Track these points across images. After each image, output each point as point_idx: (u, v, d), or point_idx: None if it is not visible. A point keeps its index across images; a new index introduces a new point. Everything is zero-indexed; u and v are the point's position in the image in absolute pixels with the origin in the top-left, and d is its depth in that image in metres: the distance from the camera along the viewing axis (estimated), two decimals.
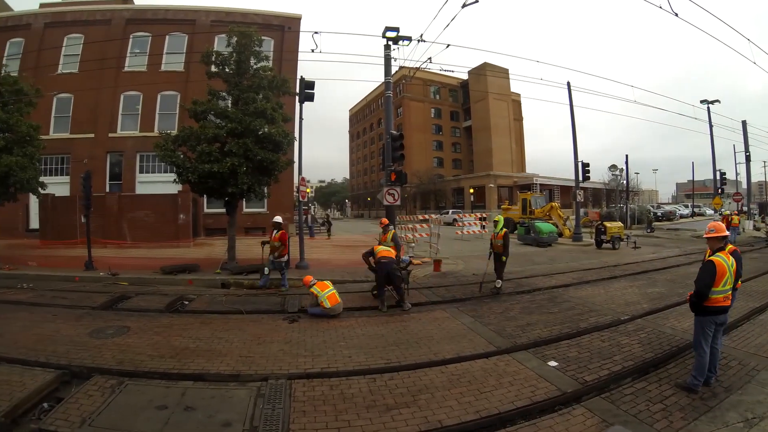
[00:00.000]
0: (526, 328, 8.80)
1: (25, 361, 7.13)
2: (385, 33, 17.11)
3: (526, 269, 16.86)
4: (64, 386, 6.45)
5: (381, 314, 10.33)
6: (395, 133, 16.90)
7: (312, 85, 17.55)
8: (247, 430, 5.08)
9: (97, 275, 15.38)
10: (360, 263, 16.84)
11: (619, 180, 49.66)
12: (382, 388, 6.12)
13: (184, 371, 6.80)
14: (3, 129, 18.32)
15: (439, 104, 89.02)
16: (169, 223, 24.48)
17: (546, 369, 6.65)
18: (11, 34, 32.99)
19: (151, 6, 34.32)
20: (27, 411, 5.67)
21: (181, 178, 15.93)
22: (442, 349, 7.70)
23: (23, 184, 18.48)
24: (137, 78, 32.04)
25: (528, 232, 26.67)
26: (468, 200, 67.60)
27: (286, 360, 7.24)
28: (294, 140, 17.21)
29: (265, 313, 10.52)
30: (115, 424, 5.17)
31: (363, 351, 7.63)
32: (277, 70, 20.32)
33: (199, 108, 16.11)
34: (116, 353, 7.58)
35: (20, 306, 11.33)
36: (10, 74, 20.56)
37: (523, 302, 11.26)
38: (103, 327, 9.21)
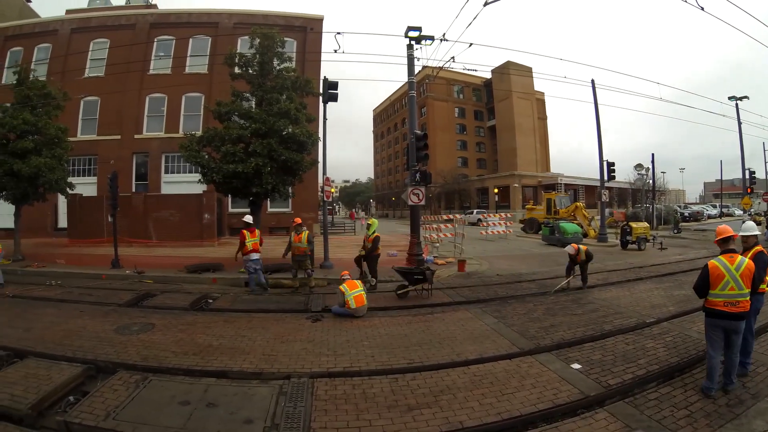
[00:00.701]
0: (549, 330, 8.64)
1: (52, 355, 7.32)
2: (408, 33, 17.04)
3: (551, 270, 16.58)
4: (90, 380, 6.60)
5: (405, 315, 10.26)
6: (419, 133, 16.80)
7: (335, 86, 17.55)
8: (268, 427, 5.08)
9: (123, 273, 15.60)
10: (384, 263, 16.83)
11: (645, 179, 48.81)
12: (404, 388, 6.07)
13: (207, 368, 6.84)
14: (32, 131, 18.79)
15: (463, 104, 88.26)
16: (193, 223, 24.69)
17: (569, 371, 6.52)
18: (39, 40, 33.96)
19: (175, 10, 34.81)
20: (53, 404, 5.81)
21: (205, 178, 16.08)
22: (465, 349, 7.62)
23: (52, 184, 18.95)
24: (162, 80, 32.59)
25: (552, 233, 26.34)
26: (492, 200, 66.89)
27: (309, 359, 7.22)
28: (318, 140, 17.23)
29: (289, 312, 10.52)
30: (139, 418, 5.22)
31: (386, 351, 7.57)
32: (300, 71, 20.38)
33: (223, 109, 16.25)
34: (141, 349, 7.67)
35: (48, 302, 11.59)
36: (38, 79, 21.12)
37: (547, 303, 11.06)
38: (129, 324, 9.32)
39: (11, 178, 18.04)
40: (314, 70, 28.15)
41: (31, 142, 18.43)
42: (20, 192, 18.46)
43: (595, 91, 27.66)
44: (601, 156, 27.91)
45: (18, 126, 18.27)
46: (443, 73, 24.99)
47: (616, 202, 62.79)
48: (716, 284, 5.66)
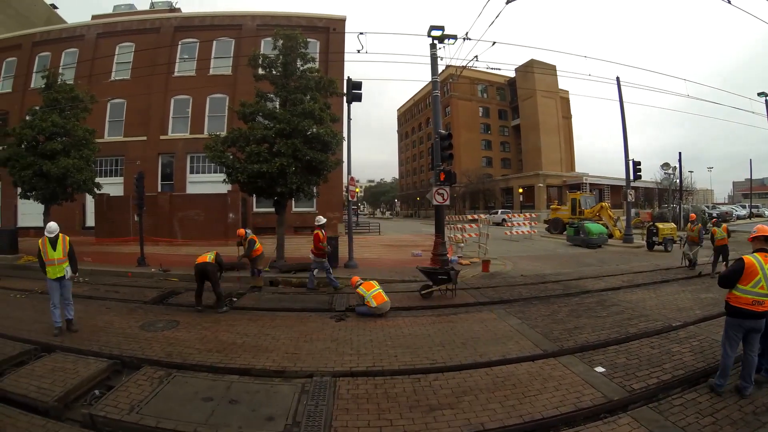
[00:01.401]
0: (573, 332, 8.48)
1: (79, 350, 7.50)
2: (430, 32, 16.93)
3: (575, 271, 16.37)
4: (115, 375, 6.74)
5: (429, 315, 10.17)
6: (444, 133, 16.68)
7: (359, 86, 17.54)
8: (289, 425, 5.09)
9: (149, 271, 15.80)
10: (408, 262, 16.80)
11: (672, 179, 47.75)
12: (426, 388, 6.02)
13: (230, 365, 6.88)
14: (60, 133, 19.19)
15: (487, 103, 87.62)
16: (218, 222, 24.95)
17: (592, 375, 6.38)
18: (66, 45, 34.91)
19: (198, 13, 35.35)
20: (79, 397, 5.96)
21: (230, 178, 16.17)
22: (488, 350, 7.53)
23: (80, 184, 19.33)
24: (187, 82, 33.10)
25: (577, 233, 25.92)
26: (517, 200, 66.39)
27: (332, 358, 7.22)
28: (342, 140, 17.24)
29: (313, 311, 10.53)
30: (162, 412, 5.29)
31: (409, 351, 7.52)
32: (323, 72, 20.39)
33: (247, 110, 16.32)
34: (165, 346, 7.78)
35: (76, 299, 11.57)
36: (66, 82, 21.51)
37: (572, 305, 10.87)
38: (154, 320, 9.48)
39: (41, 178, 18.46)
40: (338, 71, 28.26)
41: (59, 143, 18.80)
42: (49, 192, 18.88)
43: (620, 89, 27.22)
44: (627, 155, 27.44)
45: (47, 128, 18.68)
46: (467, 72, 24.90)
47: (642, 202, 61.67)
48: (748, 280, 5.48)
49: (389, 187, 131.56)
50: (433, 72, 17.36)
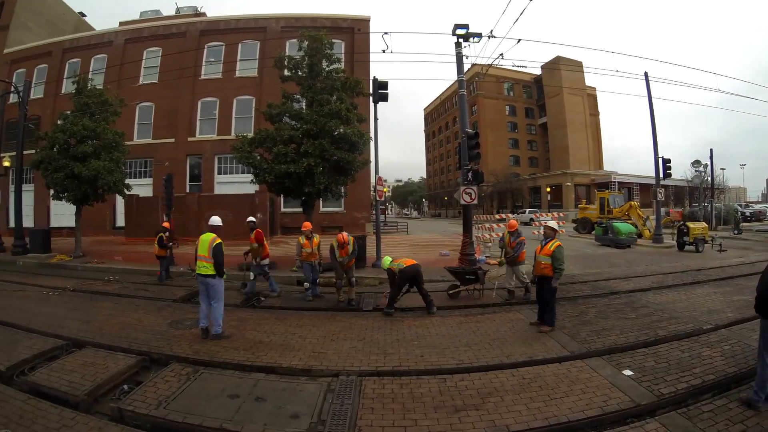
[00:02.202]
0: (601, 333, 8.29)
1: (109, 346, 7.66)
2: (455, 31, 16.80)
3: (604, 271, 16.05)
4: (144, 371, 6.84)
5: (456, 315, 10.09)
6: (470, 132, 16.53)
7: (385, 86, 17.48)
8: (314, 423, 5.09)
9: (178, 270, 15.96)
10: (436, 262, 16.69)
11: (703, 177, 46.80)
12: (452, 388, 5.97)
13: (257, 363, 6.91)
14: (91, 137, 19.60)
15: (513, 101, 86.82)
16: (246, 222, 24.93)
17: (620, 378, 6.21)
18: (95, 51, 36.13)
19: (223, 17, 35.84)
20: (108, 391, 6.08)
21: (258, 178, 16.29)
22: (515, 351, 7.43)
23: (110, 186, 19.70)
24: (213, 85, 33.53)
25: (606, 233, 25.44)
26: (545, 199, 65.51)
27: (358, 357, 7.20)
28: (370, 140, 17.19)
29: (341, 311, 10.56)
30: (189, 408, 5.35)
31: (435, 351, 7.46)
32: (349, 72, 20.34)
33: (274, 111, 16.41)
34: (193, 343, 7.86)
35: (107, 296, 12.18)
36: (95, 87, 22.03)
37: (600, 306, 10.64)
38: (182, 318, 9.60)
39: (72, 180, 18.88)
40: (363, 71, 28.27)
41: (90, 146, 19.18)
42: (81, 193, 19.28)
43: (648, 85, 26.62)
44: (656, 152, 26.83)
45: (78, 132, 19.10)
46: (492, 70, 24.64)
47: (673, 201, 60.43)
48: None
49: (417, 186, 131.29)
50: (458, 71, 17.22)
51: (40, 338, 8.07)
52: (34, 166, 20.22)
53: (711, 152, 42.01)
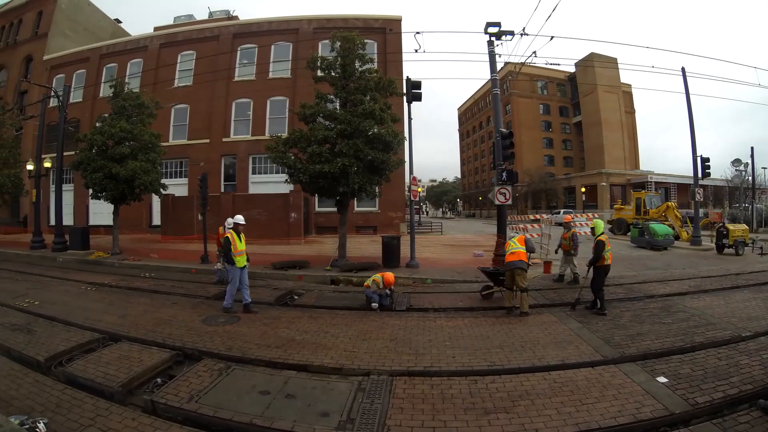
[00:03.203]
0: (635, 338, 8.03)
1: (143, 340, 7.86)
2: (487, 29, 16.62)
3: (639, 274, 15.61)
4: (177, 366, 6.97)
5: (489, 316, 9.97)
6: (505, 131, 16.35)
7: (419, 85, 17.39)
8: (343, 421, 5.09)
9: (212, 268, 16.10)
10: (470, 263, 16.55)
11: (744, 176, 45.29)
12: (483, 390, 5.89)
13: (288, 361, 6.93)
14: (128, 138, 20.06)
15: (547, 100, 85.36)
16: (280, 221, 25.23)
17: (654, 385, 5.99)
18: (131, 56, 37.01)
19: (256, 20, 36.09)
20: (142, 384, 6.23)
21: (292, 178, 16.35)
22: (547, 354, 7.28)
23: (147, 185, 20.14)
24: (247, 86, 33.96)
25: (642, 234, 24.77)
26: (580, 199, 64.03)
27: (390, 357, 7.15)
28: (404, 140, 17.06)
29: (373, 311, 10.47)
30: (220, 403, 5.42)
31: (467, 352, 7.38)
32: (382, 72, 20.31)
33: (307, 111, 16.44)
34: (226, 340, 7.93)
35: (142, 293, 12.44)
36: (132, 90, 22.61)
37: (634, 310, 10.32)
38: (215, 315, 9.70)
39: (110, 180, 19.36)
40: (396, 70, 28.25)
41: (127, 147, 19.62)
42: (118, 193, 19.77)
43: (686, 80, 25.82)
44: (695, 151, 26.00)
45: (116, 134, 19.57)
46: (526, 68, 24.38)
47: (711, 201, 58.61)
48: None
49: (451, 186, 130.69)
50: (491, 70, 17.05)
51: (77, 331, 8.36)
52: (74, 166, 20.81)
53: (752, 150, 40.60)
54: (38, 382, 6.16)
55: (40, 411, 5.25)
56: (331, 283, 14.19)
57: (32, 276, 15.47)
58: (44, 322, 9.04)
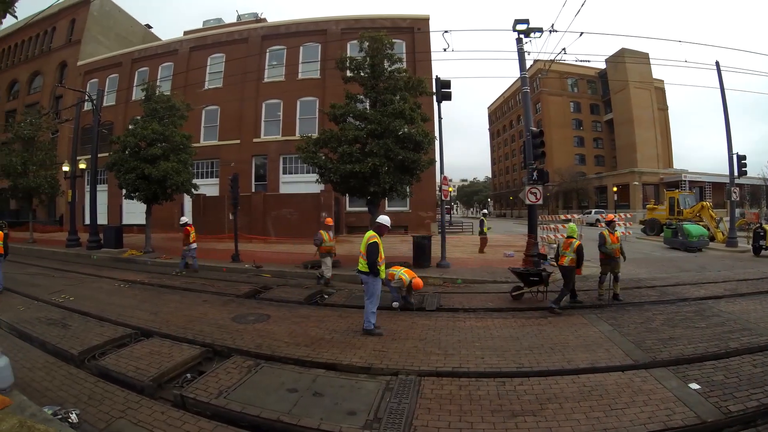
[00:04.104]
0: (668, 343, 7.75)
1: (174, 336, 7.98)
2: (515, 26, 16.46)
3: (672, 276, 15.16)
4: (207, 362, 7.05)
5: (519, 317, 9.82)
6: (535, 130, 16.16)
7: (448, 84, 17.27)
8: (370, 420, 5.06)
9: (243, 267, 16.36)
10: (500, 263, 16.33)
11: None
12: (511, 392, 5.79)
13: (317, 360, 6.92)
14: (160, 140, 20.48)
15: (578, 97, 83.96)
16: (311, 221, 25.10)
17: (686, 391, 5.76)
18: (162, 60, 38.06)
19: (284, 22, 36.52)
20: (172, 379, 6.34)
21: (323, 178, 16.40)
22: (576, 357, 7.11)
23: (178, 185, 20.51)
24: (277, 87, 34.35)
25: (675, 235, 24.10)
26: (611, 199, 62.92)
27: (419, 357, 7.09)
28: (434, 139, 16.96)
29: (403, 310, 10.44)
30: (248, 399, 5.44)
31: (496, 353, 7.27)
32: (411, 71, 20.22)
33: (337, 111, 16.47)
34: (255, 338, 7.97)
35: (174, 290, 12.65)
36: (163, 93, 23.16)
37: (667, 313, 9.98)
38: (246, 313, 9.75)
39: (143, 180, 19.78)
40: (425, 70, 28.14)
41: (159, 149, 20.02)
42: (151, 193, 20.17)
43: (720, 75, 25.02)
44: (730, 148, 25.18)
45: (148, 135, 20.02)
46: (555, 66, 23.96)
47: (748, 201, 57.01)
48: None
49: (482, 186, 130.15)
50: (521, 68, 16.87)
51: (110, 326, 8.57)
52: (108, 167, 21.31)
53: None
54: (72, 374, 6.33)
55: (72, 402, 5.38)
56: (361, 283, 14.16)
57: (68, 273, 15.92)
58: (79, 317, 9.29)
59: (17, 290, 12.46)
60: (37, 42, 45.99)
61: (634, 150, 69.48)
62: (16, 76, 47.34)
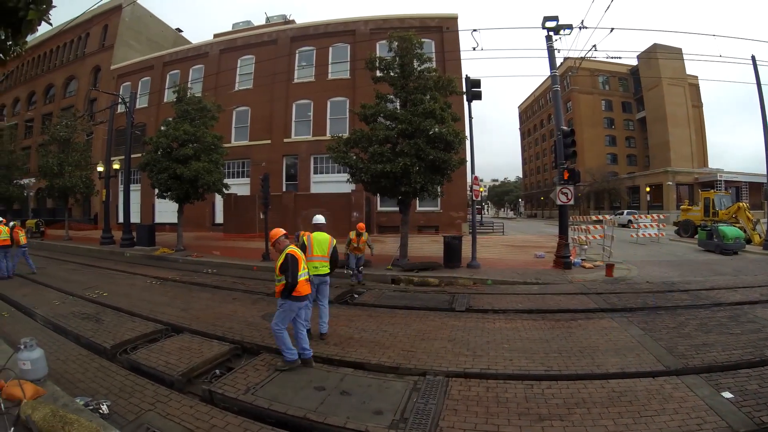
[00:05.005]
0: (700, 349, 7.45)
1: (204, 333, 8.09)
2: (545, 23, 16.28)
3: (707, 280, 14.63)
4: (235, 359, 7.10)
5: (548, 319, 9.65)
6: (566, 129, 15.96)
7: (478, 84, 17.13)
8: (396, 420, 5.03)
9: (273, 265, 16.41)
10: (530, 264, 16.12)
11: None
12: (538, 396, 5.69)
13: (345, 358, 6.92)
14: (191, 140, 20.86)
15: (609, 95, 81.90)
16: (342, 221, 25.20)
17: (718, 400, 5.53)
18: (192, 63, 38.97)
19: (312, 23, 36.81)
20: (201, 374, 6.42)
21: (354, 178, 16.43)
22: (606, 361, 6.93)
23: (210, 185, 20.86)
24: (306, 88, 34.63)
25: (710, 237, 23.31)
26: (644, 200, 61.45)
27: (447, 357, 7.03)
28: (465, 139, 16.84)
29: (433, 310, 10.35)
30: (275, 396, 5.47)
31: (525, 355, 7.16)
32: (441, 71, 20.06)
33: (368, 111, 16.46)
34: None
35: (204, 288, 12.83)
36: (194, 95, 23.58)
37: (701, 318, 9.60)
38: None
39: (175, 180, 20.15)
40: (455, 69, 27.99)
41: (191, 149, 20.36)
42: (183, 192, 20.54)
43: (756, 70, 24.12)
44: None
45: (179, 136, 20.42)
46: (586, 63, 23.52)
47: None
48: None
49: (513, 186, 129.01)
50: (551, 66, 16.71)
51: (142, 322, 8.74)
52: (141, 168, 21.81)
53: None
54: (103, 367, 6.46)
55: (104, 394, 5.51)
56: (391, 283, 14.12)
57: (102, 269, 16.36)
58: (111, 312, 9.50)
59: (53, 285, 12.83)
60: (72, 47, 47.70)
61: (668, 149, 67.68)
62: (52, 80, 49.09)
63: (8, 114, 53.36)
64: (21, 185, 35.67)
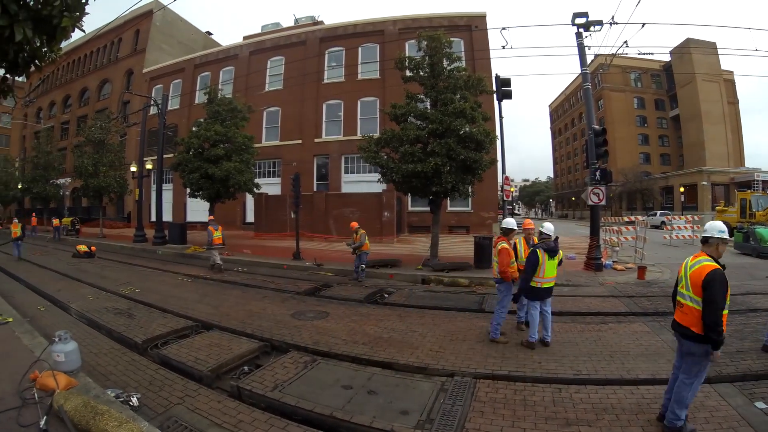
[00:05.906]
0: (734, 356, 7.17)
1: (234, 330, 8.19)
2: (574, 20, 16.01)
3: (743, 284, 14.03)
4: (264, 356, 7.18)
5: (578, 322, 9.49)
6: (597, 128, 15.69)
7: (508, 83, 17.00)
8: (422, 420, 5.00)
9: (303, 265, 16.56)
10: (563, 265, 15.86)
11: None
12: (566, 400, 5.57)
13: (373, 358, 6.90)
14: (223, 141, 21.19)
15: (642, 93, 79.53)
16: (373, 220, 25.11)
17: (751, 410, 5.35)
18: (223, 65, 39.45)
19: (341, 23, 36.80)
20: (229, 370, 6.50)
21: (385, 177, 16.42)
22: (637, 366, 6.76)
23: (240, 185, 21.14)
24: (337, 88, 34.66)
25: (747, 240, 22.44)
26: (678, 200, 59.70)
27: (475, 359, 6.96)
28: (496, 138, 16.68)
29: (462, 311, 10.25)
30: (303, 394, 5.49)
31: (554, 359, 7.04)
32: (470, 70, 19.87)
33: (398, 111, 16.42)
34: (313, 334, 8.03)
35: (235, 286, 12.97)
36: (225, 96, 24.08)
37: (735, 324, 9.16)
38: (305, 310, 9.85)
39: (206, 180, 20.51)
40: (484, 68, 27.73)
41: (222, 149, 20.70)
42: (214, 191, 20.87)
43: None
44: None
45: (211, 137, 20.77)
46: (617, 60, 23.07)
47: None
48: None
49: (544, 186, 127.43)
50: (581, 63, 16.41)
51: (173, 318, 8.92)
52: (173, 167, 22.29)
53: None
54: (134, 361, 6.61)
55: (134, 387, 5.63)
56: (421, 283, 14.03)
57: (134, 266, 16.72)
58: (143, 308, 9.72)
59: (87, 281, 13.18)
60: (105, 52, 49.10)
61: (703, 147, 65.60)
62: (86, 84, 50.71)
63: (45, 117, 55.13)
64: (57, 185, 37.00)
